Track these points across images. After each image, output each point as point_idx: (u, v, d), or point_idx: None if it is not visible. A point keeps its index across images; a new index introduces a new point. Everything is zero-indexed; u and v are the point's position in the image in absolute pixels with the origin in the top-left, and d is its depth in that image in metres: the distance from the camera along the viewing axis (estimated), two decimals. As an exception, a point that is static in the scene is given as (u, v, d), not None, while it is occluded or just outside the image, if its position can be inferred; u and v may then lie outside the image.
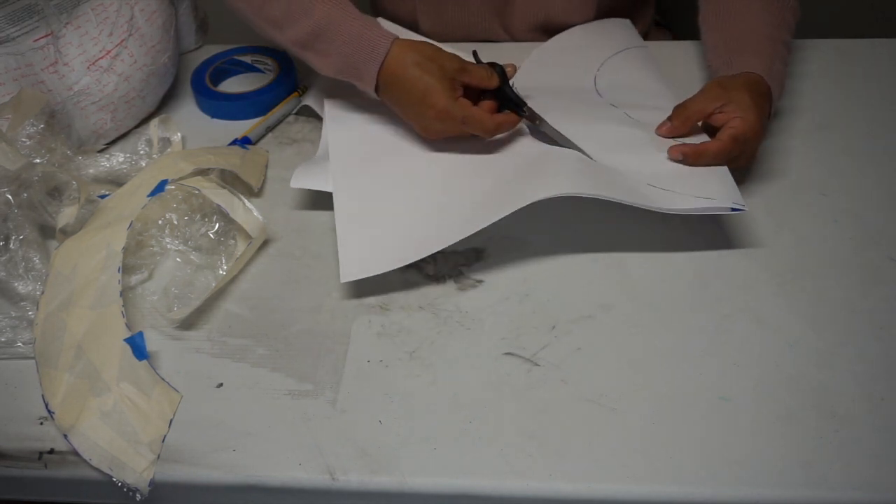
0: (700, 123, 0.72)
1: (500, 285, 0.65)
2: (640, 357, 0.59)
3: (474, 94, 0.72)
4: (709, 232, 0.68)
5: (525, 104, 0.73)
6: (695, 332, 0.60)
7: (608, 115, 0.76)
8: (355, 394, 0.57)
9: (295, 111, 0.84)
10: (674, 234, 0.68)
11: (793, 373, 0.57)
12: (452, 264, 0.66)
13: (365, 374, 0.59)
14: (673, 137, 0.71)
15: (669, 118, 0.72)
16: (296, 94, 0.85)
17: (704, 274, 0.64)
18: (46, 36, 0.71)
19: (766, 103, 0.70)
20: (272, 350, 0.61)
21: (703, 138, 0.71)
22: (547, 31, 0.91)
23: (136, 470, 0.53)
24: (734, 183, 0.66)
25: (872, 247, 0.66)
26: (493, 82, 0.72)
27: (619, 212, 0.66)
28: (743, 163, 0.70)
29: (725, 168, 0.68)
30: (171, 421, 0.56)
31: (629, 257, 0.66)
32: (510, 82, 0.74)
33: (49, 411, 0.56)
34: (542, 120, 0.73)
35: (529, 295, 0.63)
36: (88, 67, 0.74)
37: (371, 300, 0.64)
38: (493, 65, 0.73)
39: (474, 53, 0.75)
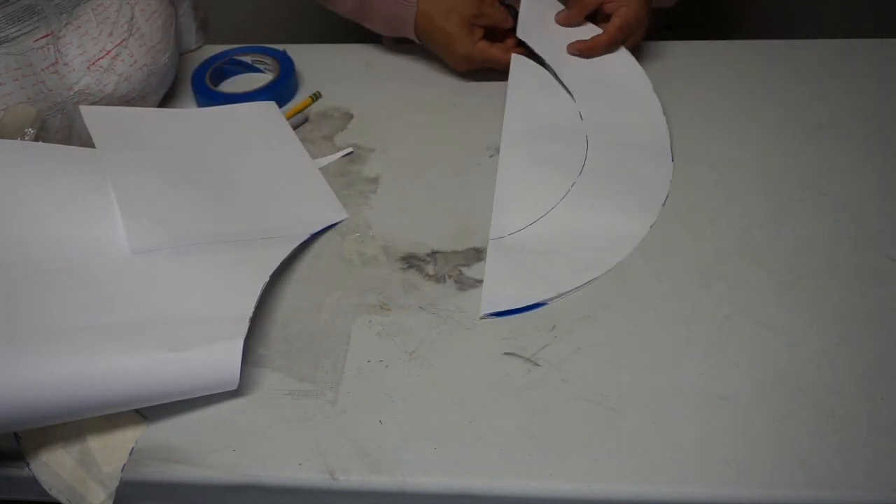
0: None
1: (500, 285, 0.64)
2: (640, 357, 0.59)
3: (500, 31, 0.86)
4: (709, 232, 0.68)
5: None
6: (695, 332, 0.60)
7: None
8: (355, 394, 0.57)
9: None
10: (674, 235, 0.68)
11: (793, 373, 0.57)
12: (452, 264, 0.66)
13: (365, 374, 0.59)
14: (569, 25, 0.84)
15: (566, 7, 0.85)
16: (309, 99, 0.85)
17: (704, 274, 0.64)
18: (46, 36, 0.71)
19: None
20: (272, 350, 0.61)
21: (593, 30, 0.84)
22: None
23: (93, 503, 0.53)
24: (335, 198, 0.73)
25: (872, 247, 0.66)
26: (508, 23, 0.85)
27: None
28: (630, 45, 0.83)
29: (328, 188, 0.74)
30: (132, 449, 0.54)
31: (629, 257, 0.66)
32: None
33: (16, 437, 0.55)
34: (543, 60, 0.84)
35: (529, 295, 0.63)
36: (88, 67, 0.74)
37: (371, 300, 0.64)
38: (508, 7, 0.86)
39: None
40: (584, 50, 0.82)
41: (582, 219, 0.69)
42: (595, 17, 0.85)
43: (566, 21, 0.84)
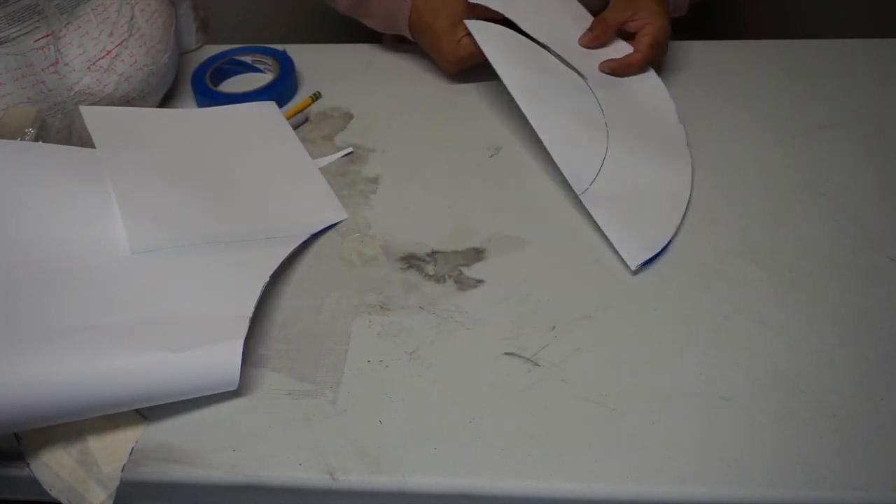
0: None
1: (500, 285, 0.64)
2: (640, 357, 0.59)
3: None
4: (709, 232, 0.68)
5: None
6: (695, 332, 0.60)
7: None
8: (355, 394, 0.57)
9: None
10: (674, 235, 0.68)
11: (793, 373, 0.57)
12: (452, 264, 0.66)
13: (365, 374, 0.59)
14: (594, 47, 0.82)
15: (589, 29, 0.82)
16: (309, 99, 0.85)
17: (704, 274, 0.64)
18: (47, 36, 0.71)
19: (667, 3, 0.81)
20: (272, 350, 0.61)
21: (621, 44, 0.82)
22: None
23: (93, 503, 0.53)
24: (336, 199, 0.73)
25: (872, 247, 0.66)
26: (499, 15, 0.82)
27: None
28: (661, 58, 0.83)
29: (328, 188, 0.74)
30: (132, 449, 0.54)
31: (629, 257, 0.66)
32: None
33: (16, 437, 0.55)
34: (543, 45, 0.81)
35: (529, 295, 0.63)
36: (89, 68, 0.74)
37: (371, 300, 0.64)
38: None
39: None
40: (617, 69, 0.79)
41: (635, 155, 0.73)
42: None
43: (589, 44, 0.81)
